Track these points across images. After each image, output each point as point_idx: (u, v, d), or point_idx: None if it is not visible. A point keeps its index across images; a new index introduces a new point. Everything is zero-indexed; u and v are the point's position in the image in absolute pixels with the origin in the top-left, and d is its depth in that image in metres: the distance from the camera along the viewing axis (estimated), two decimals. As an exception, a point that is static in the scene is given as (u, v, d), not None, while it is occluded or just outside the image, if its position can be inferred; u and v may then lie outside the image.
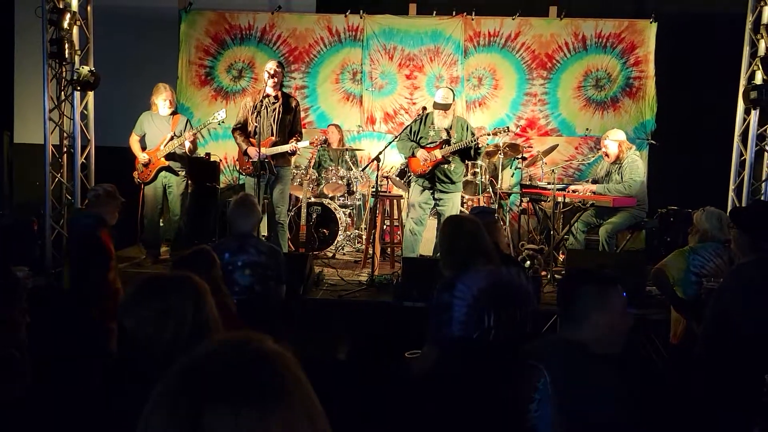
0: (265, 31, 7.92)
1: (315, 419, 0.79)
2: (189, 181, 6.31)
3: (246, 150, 5.67)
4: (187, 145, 6.09)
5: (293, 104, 5.85)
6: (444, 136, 5.61)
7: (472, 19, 7.74)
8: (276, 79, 5.61)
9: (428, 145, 5.65)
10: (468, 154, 5.61)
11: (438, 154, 5.54)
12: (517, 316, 2.70)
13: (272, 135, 5.66)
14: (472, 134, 5.56)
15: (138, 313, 1.81)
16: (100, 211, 4.15)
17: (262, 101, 5.60)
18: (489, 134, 5.55)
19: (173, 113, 6.25)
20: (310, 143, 6.26)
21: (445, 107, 5.53)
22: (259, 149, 5.42)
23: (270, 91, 5.63)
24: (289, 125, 5.78)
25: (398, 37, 7.84)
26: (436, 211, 5.81)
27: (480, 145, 5.53)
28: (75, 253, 4.36)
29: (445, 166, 5.57)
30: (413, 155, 5.67)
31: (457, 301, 2.67)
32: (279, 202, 5.83)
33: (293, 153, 5.79)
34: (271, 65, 5.65)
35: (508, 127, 5.74)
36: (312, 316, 4.84)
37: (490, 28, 7.77)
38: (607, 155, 6.12)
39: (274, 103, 5.67)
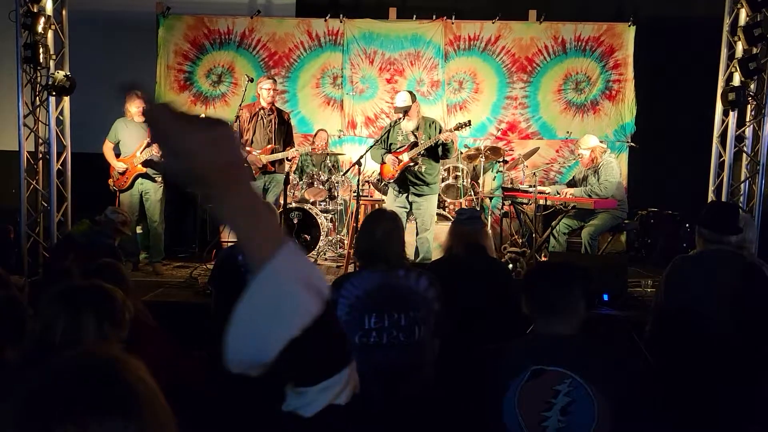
0: (244, 36, 7.85)
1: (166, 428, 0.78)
2: (166, 188, 6.18)
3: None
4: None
5: (286, 117, 6.28)
6: (412, 139, 5.62)
7: (452, 23, 7.74)
8: (271, 94, 6.01)
9: (398, 150, 5.66)
10: (436, 153, 5.60)
11: (405, 157, 5.56)
12: (402, 321, 2.66)
13: (272, 143, 6.03)
14: (440, 131, 5.58)
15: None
16: None
17: (257, 113, 6.01)
18: (451, 130, 5.56)
19: (149, 119, 6.12)
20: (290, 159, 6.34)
21: (405, 110, 5.56)
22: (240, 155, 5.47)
23: (264, 104, 6.01)
24: (284, 134, 6.18)
25: (378, 41, 7.82)
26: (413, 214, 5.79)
27: (446, 142, 5.49)
28: None
29: (415, 168, 5.57)
30: (383, 162, 5.69)
31: (342, 300, 2.68)
32: (270, 206, 5.88)
33: (290, 159, 6.28)
34: (268, 84, 5.98)
35: (469, 121, 5.78)
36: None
37: (470, 32, 7.78)
38: (583, 161, 6.17)
39: (269, 115, 6.07)
